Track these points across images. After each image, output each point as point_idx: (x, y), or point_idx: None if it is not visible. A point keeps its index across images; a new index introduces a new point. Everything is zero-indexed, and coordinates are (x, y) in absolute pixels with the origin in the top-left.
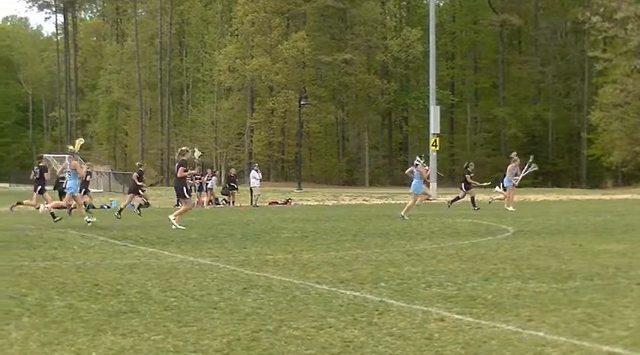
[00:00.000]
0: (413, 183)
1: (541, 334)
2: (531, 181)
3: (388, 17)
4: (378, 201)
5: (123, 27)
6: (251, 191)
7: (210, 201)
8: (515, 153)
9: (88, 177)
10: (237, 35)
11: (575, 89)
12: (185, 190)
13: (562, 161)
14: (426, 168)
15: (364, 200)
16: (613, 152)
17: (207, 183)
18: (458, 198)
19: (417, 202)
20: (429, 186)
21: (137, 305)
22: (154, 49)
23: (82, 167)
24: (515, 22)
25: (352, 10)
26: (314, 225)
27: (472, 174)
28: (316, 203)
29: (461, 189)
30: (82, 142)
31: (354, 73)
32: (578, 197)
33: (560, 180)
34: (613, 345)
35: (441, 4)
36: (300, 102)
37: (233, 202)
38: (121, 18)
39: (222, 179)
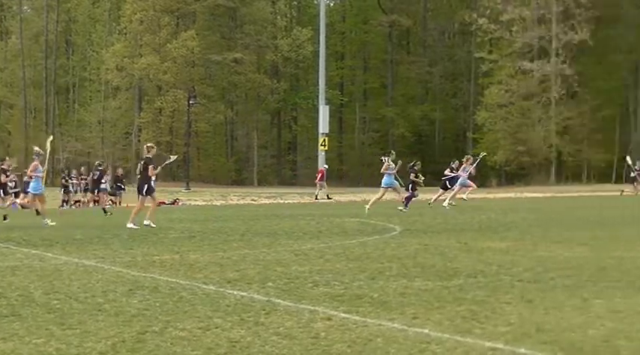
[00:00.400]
0: (384, 178)
1: (426, 331)
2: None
3: (279, 17)
4: (267, 201)
5: (7, 24)
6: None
7: (96, 201)
8: (468, 156)
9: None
10: (126, 34)
11: (461, 89)
12: (146, 188)
13: (449, 160)
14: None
15: (252, 200)
16: (497, 151)
17: (102, 183)
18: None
19: (380, 197)
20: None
21: (19, 308)
22: (39, 47)
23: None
24: (404, 22)
25: (242, 9)
26: (201, 225)
27: (418, 173)
28: (204, 203)
29: (407, 189)
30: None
31: (243, 73)
32: (464, 196)
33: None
34: (495, 341)
35: (332, 5)
36: (189, 102)
37: (120, 203)
38: (5, 15)
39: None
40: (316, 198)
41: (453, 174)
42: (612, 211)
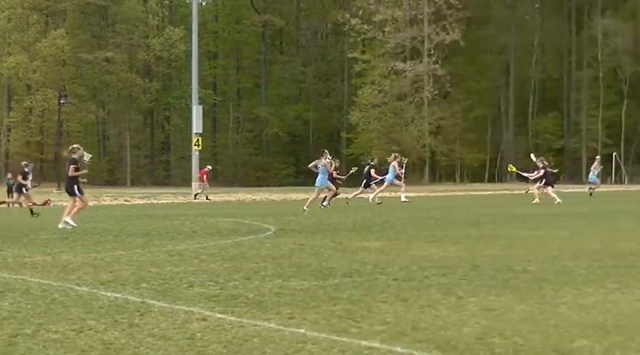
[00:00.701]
0: (318, 177)
1: (302, 331)
2: (293, 180)
3: (150, 15)
4: (140, 201)
5: None
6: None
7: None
8: (395, 154)
9: None
10: None
11: (335, 89)
12: (77, 188)
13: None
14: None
15: (125, 200)
16: (371, 151)
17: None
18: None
19: (318, 196)
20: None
21: None
22: None
23: None
24: (277, 22)
25: (113, 8)
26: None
27: (375, 170)
28: None
29: (363, 186)
30: None
31: (115, 72)
32: (339, 196)
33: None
34: (371, 340)
35: (204, 4)
36: (59, 101)
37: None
38: None
39: None
40: (195, 197)
41: (380, 177)
42: (485, 210)
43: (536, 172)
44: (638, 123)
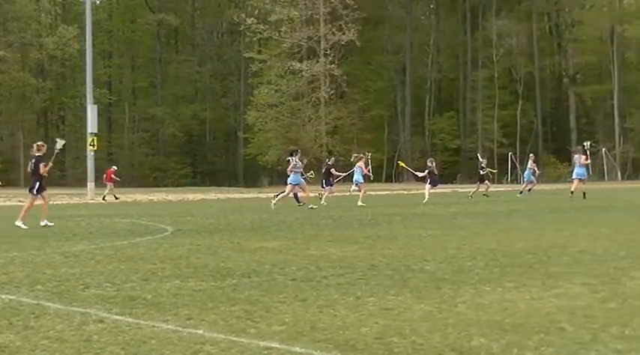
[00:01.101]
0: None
1: (200, 332)
2: (190, 180)
3: (43, 14)
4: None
5: None
6: None
7: None
8: (358, 155)
9: None
10: None
11: (231, 89)
12: (38, 187)
13: (220, 160)
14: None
15: (20, 201)
16: (269, 151)
17: None
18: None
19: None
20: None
21: None
22: None
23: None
24: (172, 21)
25: (5, 6)
26: None
27: (336, 168)
28: None
29: (324, 185)
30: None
31: (7, 71)
32: (237, 196)
33: (218, 179)
34: (270, 340)
35: (98, 2)
36: None
37: None
38: None
39: None
40: (104, 199)
41: (343, 174)
42: (383, 209)
43: (426, 172)
44: (532, 123)
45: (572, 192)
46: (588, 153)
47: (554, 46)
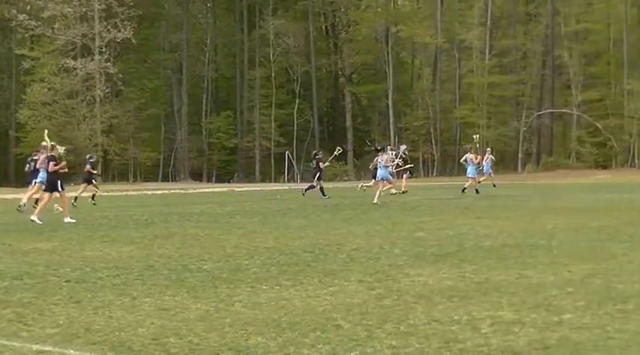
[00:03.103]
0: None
1: None
2: None
3: None
4: None
5: None
6: None
7: None
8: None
9: None
10: None
11: (2, 87)
12: (59, 184)
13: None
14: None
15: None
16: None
17: None
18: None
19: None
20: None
21: None
22: None
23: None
24: None
25: None
26: None
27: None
28: None
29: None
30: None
31: None
32: (8, 196)
33: None
34: (43, 343)
35: None
36: None
37: None
38: None
39: None
40: None
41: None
42: (159, 209)
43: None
44: (309, 122)
45: (464, 190)
46: (436, 152)
47: (331, 45)
